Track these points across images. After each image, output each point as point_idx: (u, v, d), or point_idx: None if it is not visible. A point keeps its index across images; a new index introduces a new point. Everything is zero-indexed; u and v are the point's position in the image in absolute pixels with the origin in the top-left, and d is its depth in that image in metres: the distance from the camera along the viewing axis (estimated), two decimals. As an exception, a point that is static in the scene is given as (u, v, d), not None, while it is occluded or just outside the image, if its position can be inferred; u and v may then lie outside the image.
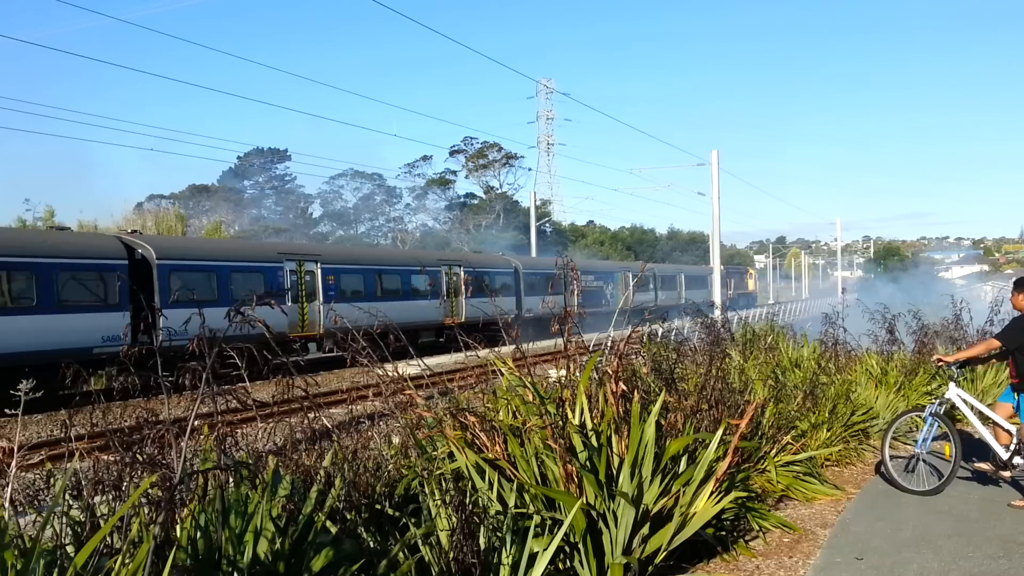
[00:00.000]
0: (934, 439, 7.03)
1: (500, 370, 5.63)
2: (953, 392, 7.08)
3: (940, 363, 7.34)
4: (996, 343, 6.95)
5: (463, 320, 28.79)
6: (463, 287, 30.20)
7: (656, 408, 4.67)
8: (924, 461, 6.97)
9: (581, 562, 4.20)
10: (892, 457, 7.22)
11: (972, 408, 7.02)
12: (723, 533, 5.25)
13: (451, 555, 3.71)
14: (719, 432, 4.85)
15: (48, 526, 3.01)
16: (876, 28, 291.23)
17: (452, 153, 76.28)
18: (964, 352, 7.99)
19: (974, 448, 7.28)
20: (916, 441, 7.11)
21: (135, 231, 24.04)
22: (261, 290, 21.45)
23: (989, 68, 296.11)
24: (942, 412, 7.04)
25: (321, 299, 24.25)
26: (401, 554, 3.64)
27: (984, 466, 6.86)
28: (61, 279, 17.68)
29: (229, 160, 73.40)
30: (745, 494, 5.54)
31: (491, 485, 4.42)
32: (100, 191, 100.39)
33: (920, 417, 7.35)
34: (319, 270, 24.52)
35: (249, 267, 22.89)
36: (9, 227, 31.40)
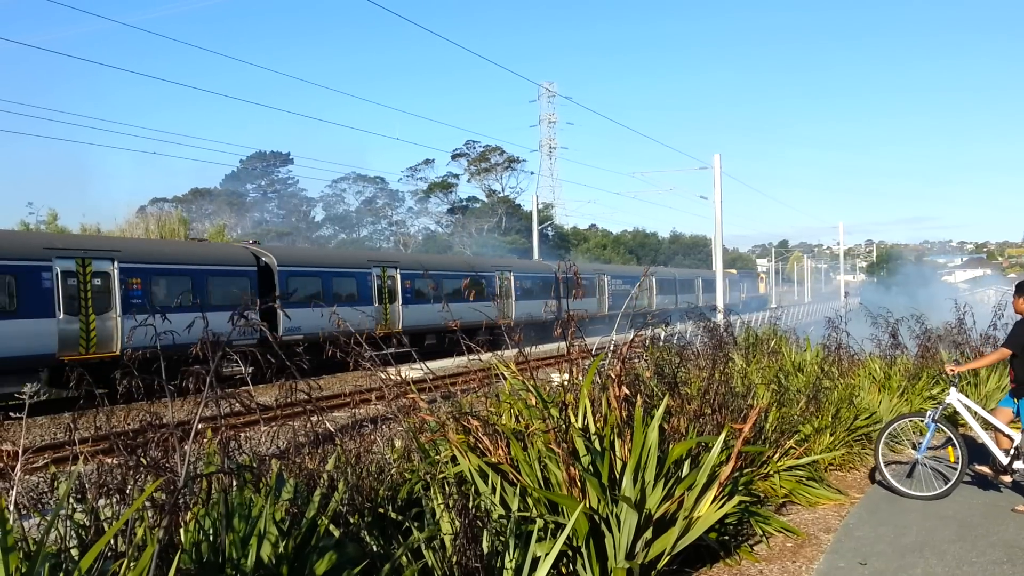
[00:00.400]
0: (932, 444, 7.01)
1: (503, 374, 5.63)
2: (954, 397, 7.06)
3: (952, 372, 7.24)
4: (1008, 352, 6.84)
5: (513, 320, 30.00)
6: (513, 290, 32.60)
7: (659, 412, 4.67)
8: (925, 466, 6.95)
9: (584, 566, 4.20)
10: (889, 462, 7.20)
11: (973, 413, 7.00)
12: (726, 537, 5.24)
13: (454, 559, 3.71)
14: (722, 436, 4.85)
15: (52, 529, 3.02)
16: (877, 32, 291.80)
17: (454, 157, 76.49)
18: (977, 362, 7.97)
19: (975, 452, 7.27)
20: (917, 446, 7.10)
21: (255, 242, 27.49)
22: (355, 292, 24.97)
23: (990, 72, 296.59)
24: (941, 417, 7.02)
25: (400, 300, 27.08)
26: (404, 558, 3.64)
27: (985, 469, 6.85)
28: (210, 283, 20.97)
29: (231, 164, 73.52)
30: (748, 498, 5.54)
31: (494, 489, 4.42)
32: (101, 194, 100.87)
33: (915, 422, 7.32)
34: (398, 275, 27.19)
35: (346, 272, 25.77)
36: (171, 240, 36.64)
